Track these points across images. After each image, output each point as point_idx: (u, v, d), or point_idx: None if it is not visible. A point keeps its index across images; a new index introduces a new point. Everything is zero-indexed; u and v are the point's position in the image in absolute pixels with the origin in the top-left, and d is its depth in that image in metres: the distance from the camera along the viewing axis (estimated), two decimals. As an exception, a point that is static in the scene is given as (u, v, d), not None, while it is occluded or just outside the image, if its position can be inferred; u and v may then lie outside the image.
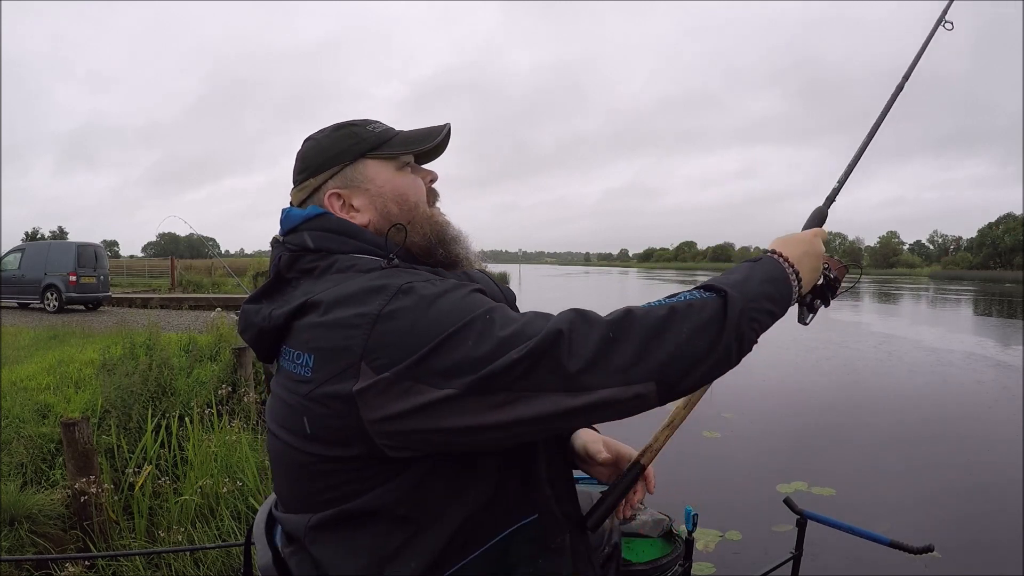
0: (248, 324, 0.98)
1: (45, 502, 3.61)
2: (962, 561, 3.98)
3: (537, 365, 0.77)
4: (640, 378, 0.79)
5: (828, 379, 10.08)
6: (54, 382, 5.92)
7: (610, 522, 1.38)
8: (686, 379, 0.82)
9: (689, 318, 0.83)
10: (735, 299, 0.86)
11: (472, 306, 0.83)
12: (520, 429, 0.80)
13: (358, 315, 0.82)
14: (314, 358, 0.85)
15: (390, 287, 0.84)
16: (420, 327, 0.80)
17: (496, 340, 0.79)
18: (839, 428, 7.28)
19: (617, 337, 0.80)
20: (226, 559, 3.39)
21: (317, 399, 0.84)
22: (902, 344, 14.17)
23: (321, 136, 1.05)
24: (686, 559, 1.57)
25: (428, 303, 0.82)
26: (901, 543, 1.68)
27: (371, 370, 0.80)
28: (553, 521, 0.94)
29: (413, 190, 1.03)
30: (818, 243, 1.06)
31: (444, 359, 0.78)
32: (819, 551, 3.77)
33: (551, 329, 0.79)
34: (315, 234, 0.98)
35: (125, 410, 5.07)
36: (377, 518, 0.85)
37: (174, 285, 22.50)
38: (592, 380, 0.78)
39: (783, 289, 0.96)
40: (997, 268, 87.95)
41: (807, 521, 1.81)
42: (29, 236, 59.78)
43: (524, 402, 0.78)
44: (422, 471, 0.85)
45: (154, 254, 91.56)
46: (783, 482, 5.23)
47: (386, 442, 0.82)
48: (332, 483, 0.87)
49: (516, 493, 0.90)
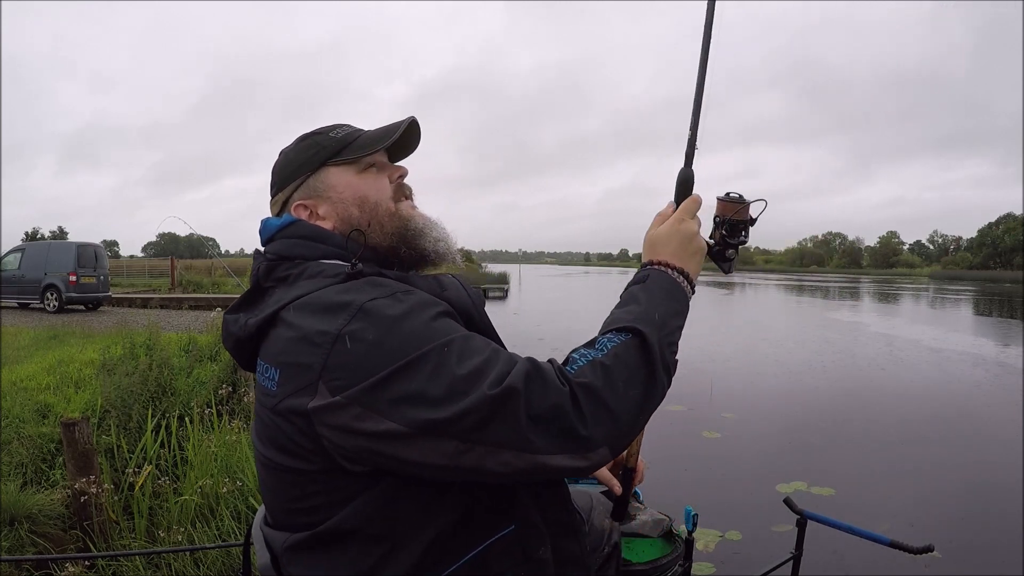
0: (227, 334, 1.01)
1: (45, 502, 3.61)
2: (962, 561, 3.98)
3: (491, 420, 0.77)
4: (592, 447, 0.80)
5: (828, 379, 10.08)
6: (54, 382, 5.92)
7: (610, 522, 1.38)
8: (631, 432, 0.85)
9: (621, 373, 0.85)
10: (651, 335, 0.88)
11: (432, 335, 0.82)
12: (467, 477, 0.81)
13: (319, 332, 0.83)
14: (279, 372, 0.87)
15: (353, 304, 0.84)
16: (377, 352, 0.80)
17: (450, 378, 0.78)
18: (839, 428, 7.28)
19: (566, 408, 0.79)
20: (226, 559, 3.39)
21: (280, 412, 0.86)
22: (902, 344, 14.17)
23: (289, 149, 1.07)
24: (686, 559, 1.57)
25: (388, 326, 0.82)
26: (901, 543, 1.68)
27: (327, 390, 0.81)
28: (533, 531, 0.93)
29: (374, 190, 1.04)
30: (686, 225, 1.04)
31: (396, 389, 0.79)
32: (819, 551, 3.77)
33: (508, 386, 0.78)
34: (288, 242, 1.00)
35: (125, 410, 5.07)
36: (350, 538, 0.86)
37: (174, 285, 22.50)
38: (545, 446, 0.78)
39: (680, 297, 0.99)
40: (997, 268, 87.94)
41: (807, 521, 1.81)
42: (29, 236, 59.74)
43: (472, 453, 0.78)
44: (392, 488, 0.85)
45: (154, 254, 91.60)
46: (783, 482, 5.23)
47: (342, 456, 0.83)
48: (301, 494, 0.88)
49: (491, 505, 0.89)
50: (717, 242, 1.13)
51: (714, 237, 1.13)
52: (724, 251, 1.12)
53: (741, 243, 1.12)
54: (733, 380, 9.75)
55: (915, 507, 4.92)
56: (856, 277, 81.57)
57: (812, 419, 7.68)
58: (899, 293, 39.77)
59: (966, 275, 79.69)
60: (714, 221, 1.14)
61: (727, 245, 1.12)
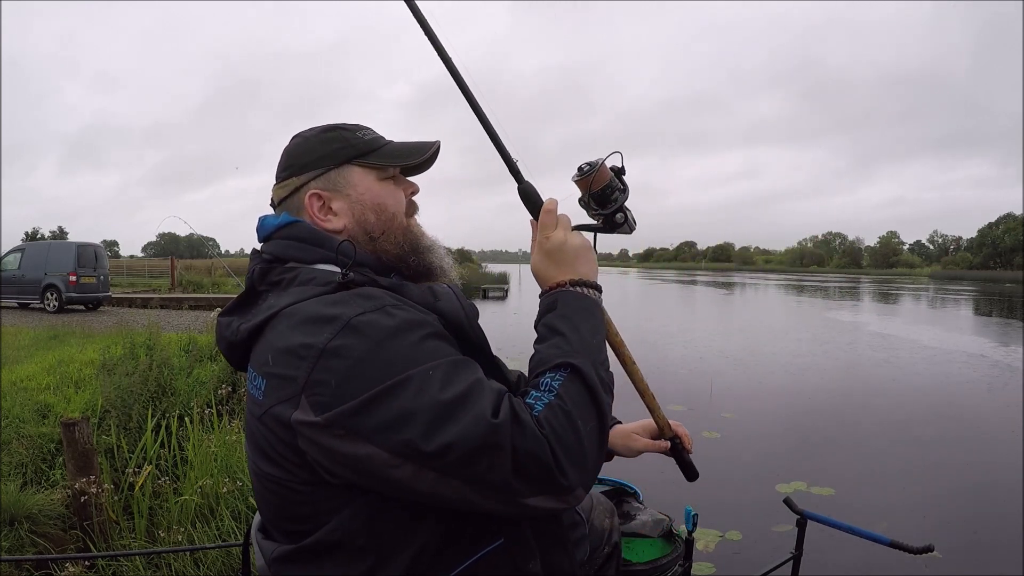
0: (220, 337, 1.01)
1: (45, 502, 3.61)
2: (962, 561, 3.98)
3: (474, 459, 0.77)
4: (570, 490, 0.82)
5: (828, 379, 10.08)
6: (54, 382, 5.92)
7: (610, 522, 1.38)
8: (599, 463, 0.88)
9: (576, 411, 0.85)
10: (584, 366, 0.89)
11: (417, 358, 0.82)
12: (445, 505, 0.82)
13: (304, 346, 0.83)
14: (266, 382, 0.87)
15: (340, 318, 0.83)
16: (360, 371, 0.80)
17: (434, 406, 0.78)
18: (839, 428, 7.28)
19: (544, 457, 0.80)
20: (226, 559, 3.39)
21: (265, 422, 0.87)
22: (902, 344, 14.17)
23: (310, 135, 1.05)
24: (686, 559, 1.57)
25: (373, 344, 0.81)
26: (901, 543, 1.67)
27: (309, 405, 0.81)
28: (522, 545, 0.92)
29: (393, 201, 1.04)
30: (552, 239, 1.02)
31: (378, 414, 0.78)
32: (819, 551, 3.77)
33: (493, 427, 0.78)
34: (285, 243, 0.99)
35: (125, 410, 5.07)
36: (336, 550, 0.86)
37: (174, 285, 22.50)
38: (527, 489, 0.80)
39: (591, 307, 0.99)
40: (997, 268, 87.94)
41: (807, 521, 1.81)
42: (29, 236, 59.76)
43: (450, 485, 0.79)
44: (378, 500, 0.84)
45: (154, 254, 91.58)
46: (783, 482, 5.23)
47: (325, 472, 0.83)
48: (287, 503, 0.88)
49: (478, 519, 0.88)
50: (596, 218, 1.11)
51: (592, 216, 1.12)
52: (612, 218, 1.09)
53: (620, 201, 1.08)
54: (733, 380, 9.75)
55: (915, 507, 4.92)
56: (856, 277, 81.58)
57: (812, 419, 7.68)
58: (899, 293, 39.77)
59: (966, 275, 79.70)
60: (580, 203, 1.12)
61: (607, 214, 1.09)
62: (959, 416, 7.82)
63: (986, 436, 6.96)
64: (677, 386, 8.71)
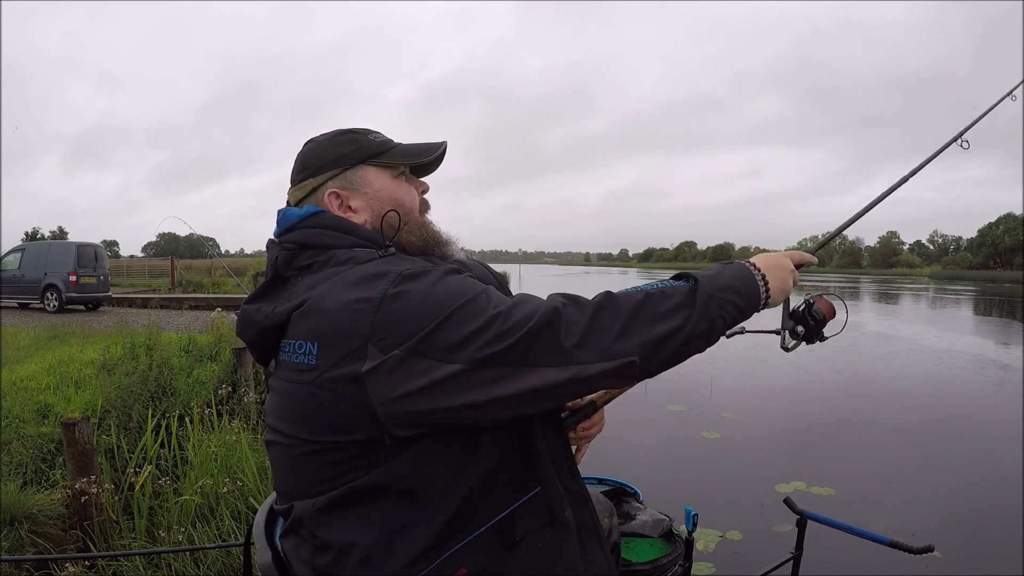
0: (248, 323, 1.00)
1: (45, 502, 3.61)
2: (962, 561, 3.97)
3: (536, 341, 0.84)
4: (623, 354, 0.87)
5: (827, 379, 10.08)
6: (54, 382, 5.92)
7: (609, 521, 1.38)
8: (660, 355, 0.90)
9: (663, 301, 0.92)
10: (704, 286, 0.95)
11: (471, 286, 0.90)
12: (520, 401, 0.85)
13: (361, 299, 0.86)
14: (318, 345, 0.88)
15: (391, 272, 0.89)
16: (425, 306, 0.85)
17: (496, 317, 0.85)
18: (839, 428, 7.28)
19: (603, 318, 0.88)
20: (226, 559, 3.39)
21: (323, 385, 0.87)
22: (902, 344, 14.16)
23: (324, 139, 1.09)
24: (686, 559, 1.57)
25: (430, 284, 0.88)
26: (901, 543, 1.67)
27: (378, 351, 0.83)
28: (557, 494, 0.97)
29: (408, 197, 1.10)
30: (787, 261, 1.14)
31: (449, 334, 0.83)
32: (819, 551, 3.77)
33: (548, 308, 0.86)
34: (313, 231, 1.01)
35: (125, 410, 5.07)
36: (383, 494, 0.88)
37: (174, 285, 22.50)
38: (583, 355, 0.85)
39: (750, 287, 1.03)
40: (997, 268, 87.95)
41: (807, 521, 1.81)
42: (29, 236, 59.73)
43: (523, 375, 0.84)
44: (423, 449, 0.88)
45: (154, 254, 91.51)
46: (783, 482, 5.22)
47: (394, 422, 0.85)
48: (337, 471, 0.89)
49: (517, 467, 0.94)
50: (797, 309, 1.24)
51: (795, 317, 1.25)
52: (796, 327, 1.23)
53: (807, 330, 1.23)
54: (733, 380, 9.75)
55: (915, 507, 4.92)
56: (856, 277, 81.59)
57: (812, 419, 7.67)
58: (899, 293, 39.77)
59: (966, 275, 79.68)
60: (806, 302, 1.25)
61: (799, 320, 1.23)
62: (959, 416, 7.81)
63: (986, 436, 6.95)
64: (677, 386, 8.70)
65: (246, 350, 6.56)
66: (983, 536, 4.40)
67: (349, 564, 0.89)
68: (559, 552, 0.95)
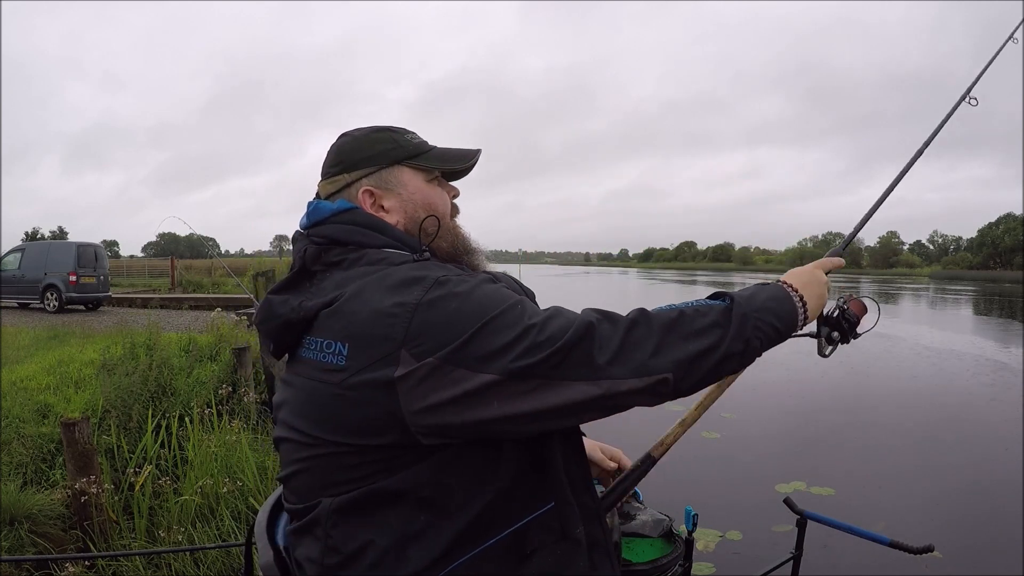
0: (271, 315, 0.98)
1: (45, 502, 3.61)
2: (962, 561, 3.98)
3: (570, 356, 0.83)
4: (657, 371, 0.86)
5: (827, 379, 10.08)
6: (54, 382, 5.92)
7: (611, 521, 1.38)
8: (694, 374, 0.89)
9: (697, 319, 0.91)
10: (740, 306, 0.94)
11: (506, 296, 0.89)
12: (549, 416, 0.85)
13: (397, 304, 0.86)
14: (349, 346, 0.87)
15: (428, 278, 0.88)
16: (460, 315, 0.84)
17: (531, 329, 0.84)
18: (838, 428, 7.28)
19: (637, 334, 0.87)
20: (226, 559, 3.40)
21: (353, 387, 0.86)
22: (902, 344, 14.16)
23: (360, 135, 1.08)
24: (686, 559, 1.56)
25: (466, 293, 0.87)
26: (901, 543, 1.67)
27: (412, 357, 0.83)
28: (570, 510, 0.96)
29: (441, 202, 1.09)
30: (819, 273, 1.13)
31: (484, 345, 0.83)
32: (819, 551, 3.77)
33: (583, 322, 0.85)
34: (345, 227, 1.00)
35: (125, 410, 5.07)
36: (402, 498, 0.87)
37: (174, 285, 22.51)
38: (617, 371, 0.85)
39: (787, 308, 1.03)
40: (997, 268, 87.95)
41: (807, 521, 1.81)
42: (29, 236, 59.75)
43: (556, 389, 0.84)
44: (447, 458, 0.87)
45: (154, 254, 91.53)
46: (783, 482, 5.23)
47: (421, 431, 0.84)
48: (357, 474, 0.88)
49: (534, 481, 0.93)
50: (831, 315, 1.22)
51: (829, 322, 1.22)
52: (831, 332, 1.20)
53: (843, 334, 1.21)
54: (733, 380, 9.75)
55: (915, 507, 4.92)
56: (856, 277, 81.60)
57: (812, 419, 7.68)
58: (899, 293, 39.76)
59: (966, 275, 79.68)
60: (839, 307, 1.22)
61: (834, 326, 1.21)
62: (959, 416, 7.82)
63: (986, 436, 6.96)
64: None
65: (246, 350, 6.58)
66: (983, 536, 4.41)
67: (360, 566, 0.88)
68: (568, 569, 0.94)
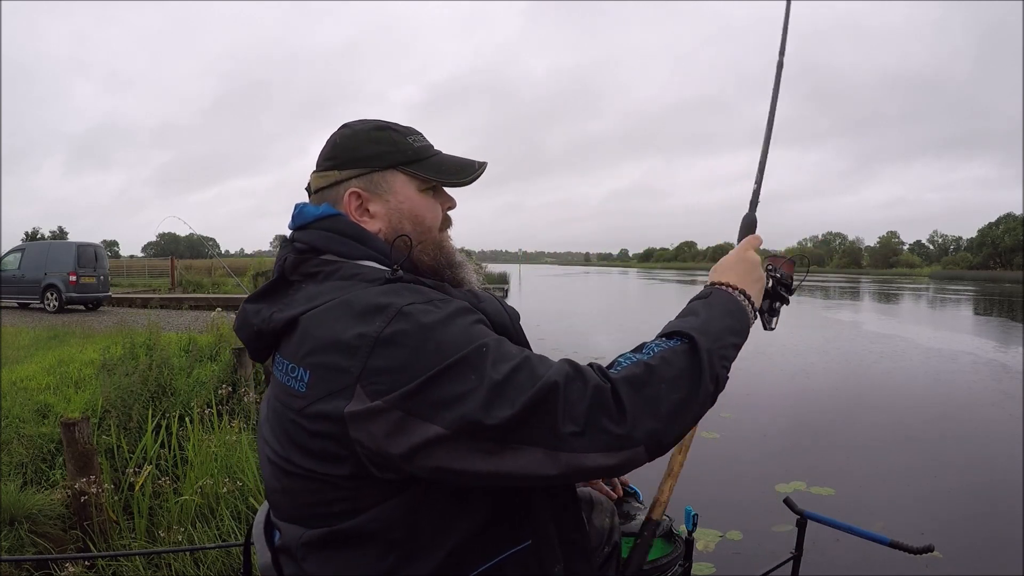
0: (245, 323, 0.98)
1: (45, 502, 3.61)
2: (962, 561, 3.98)
3: (530, 419, 0.77)
4: (629, 445, 0.80)
5: (827, 379, 10.08)
6: (54, 382, 5.92)
7: (610, 521, 1.38)
8: (671, 434, 0.84)
9: (666, 374, 0.84)
10: (702, 343, 0.88)
11: (473, 337, 0.82)
12: (503, 481, 0.80)
13: (358, 335, 0.81)
14: (310, 374, 0.85)
15: (391, 308, 0.83)
16: (417, 356, 0.79)
17: (491, 381, 0.78)
18: (838, 428, 7.28)
19: (605, 403, 0.80)
20: (226, 559, 3.39)
21: (310, 416, 0.84)
22: (901, 344, 14.17)
23: (360, 129, 1.03)
24: (686, 559, 1.56)
25: (428, 330, 0.81)
26: (901, 543, 1.67)
27: (365, 394, 0.79)
28: (548, 549, 0.93)
29: (431, 214, 1.04)
30: (750, 254, 1.11)
31: (437, 393, 0.78)
32: (819, 551, 3.77)
33: (547, 382, 0.78)
34: (325, 235, 0.97)
35: (125, 410, 5.07)
36: (369, 540, 0.85)
37: (174, 285, 22.51)
38: (581, 444, 0.78)
39: (742, 317, 1.01)
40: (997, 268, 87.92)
41: (807, 521, 1.81)
42: (29, 236, 59.73)
43: (508, 456, 0.78)
44: (416, 496, 0.84)
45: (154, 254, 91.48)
46: (783, 482, 5.23)
47: (374, 464, 0.82)
48: (325, 499, 0.87)
49: (511, 519, 0.89)
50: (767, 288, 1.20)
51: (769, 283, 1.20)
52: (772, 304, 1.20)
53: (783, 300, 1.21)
54: (732, 380, 9.71)
55: (915, 507, 4.92)
56: (856, 277, 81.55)
57: (811, 419, 7.68)
58: (899, 293, 39.76)
59: (966, 275, 79.65)
60: (771, 276, 1.20)
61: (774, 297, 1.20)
62: (959, 416, 7.82)
63: (986, 436, 6.96)
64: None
65: (246, 350, 6.56)
66: (983, 536, 4.41)
67: None
68: None
